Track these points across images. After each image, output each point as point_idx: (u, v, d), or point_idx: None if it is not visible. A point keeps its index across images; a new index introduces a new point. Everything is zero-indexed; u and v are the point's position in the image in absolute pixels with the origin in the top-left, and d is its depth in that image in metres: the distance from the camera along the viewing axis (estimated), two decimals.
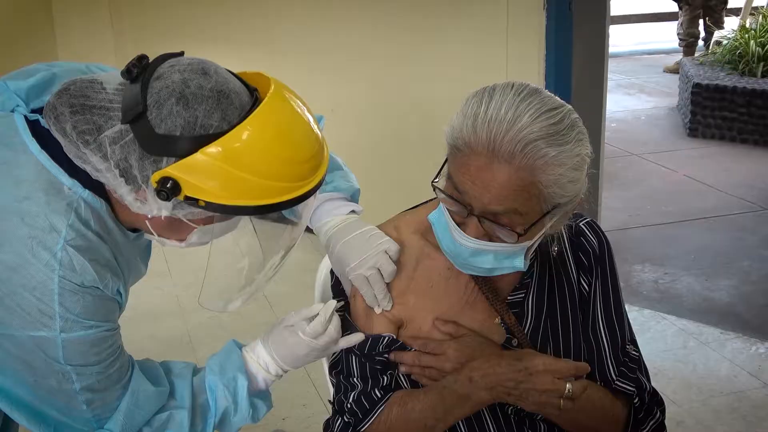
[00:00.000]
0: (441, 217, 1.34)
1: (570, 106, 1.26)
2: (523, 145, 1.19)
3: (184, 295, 3.91)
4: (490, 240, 1.28)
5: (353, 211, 1.55)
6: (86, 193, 1.25)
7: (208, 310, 1.41)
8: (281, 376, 1.46)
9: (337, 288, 1.54)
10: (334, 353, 1.49)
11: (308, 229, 1.54)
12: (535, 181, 1.21)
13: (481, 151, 1.21)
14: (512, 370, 1.33)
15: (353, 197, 1.59)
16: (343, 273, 1.48)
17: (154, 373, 1.39)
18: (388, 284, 1.44)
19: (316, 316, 1.42)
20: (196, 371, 1.44)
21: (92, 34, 5.09)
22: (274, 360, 1.43)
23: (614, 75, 8.56)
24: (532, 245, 1.32)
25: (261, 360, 1.43)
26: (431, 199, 1.50)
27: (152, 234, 1.30)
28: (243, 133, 1.16)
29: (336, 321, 1.43)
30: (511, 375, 1.33)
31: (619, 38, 9.73)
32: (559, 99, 1.26)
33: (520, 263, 1.31)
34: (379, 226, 1.51)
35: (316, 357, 1.44)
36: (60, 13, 5.09)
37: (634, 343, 1.49)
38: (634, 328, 1.52)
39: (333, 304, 1.43)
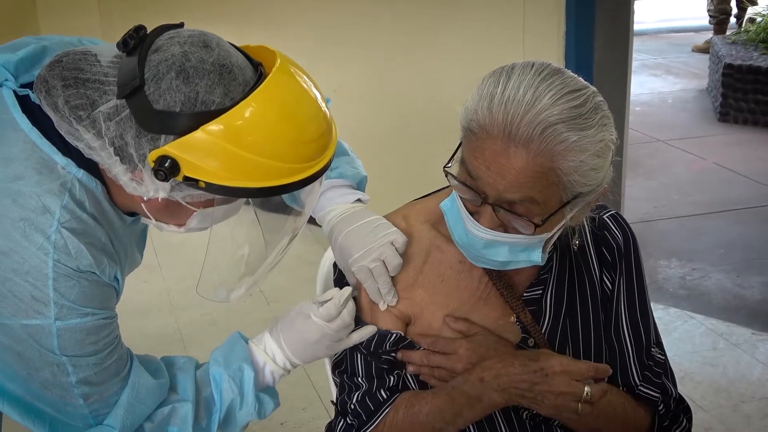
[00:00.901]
0: (453, 206, 1.34)
1: (594, 88, 1.26)
2: (542, 129, 1.19)
3: (175, 290, 3.92)
4: (506, 231, 1.29)
5: (359, 200, 1.55)
6: (81, 173, 1.25)
7: (206, 299, 1.41)
8: (289, 371, 1.47)
9: (340, 282, 1.54)
10: (338, 353, 1.50)
11: (310, 219, 1.54)
12: (554, 167, 1.21)
13: (496, 135, 1.21)
14: (527, 370, 1.33)
15: (359, 185, 1.60)
16: (346, 265, 1.48)
17: (154, 365, 1.40)
18: (393, 278, 1.44)
19: (329, 300, 1.43)
20: (198, 365, 1.45)
21: (77, 13, 5.08)
22: (281, 349, 1.44)
23: (639, 54, 8.53)
24: (551, 238, 1.32)
25: (268, 349, 1.44)
26: (444, 188, 1.50)
27: (149, 218, 1.31)
28: (246, 110, 1.16)
29: (351, 306, 1.44)
30: (526, 376, 1.33)
31: (645, 14, 9.70)
32: (582, 80, 1.26)
33: (537, 257, 1.32)
34: (387, 216, 1.51)
35: (327, 348, 1.44)
36: None
37: (659, 345, 1.50)
38: (660, 328, 1.52)
39: (349, 289, 1.44)
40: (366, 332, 1.44)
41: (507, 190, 1.23)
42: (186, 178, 1.17)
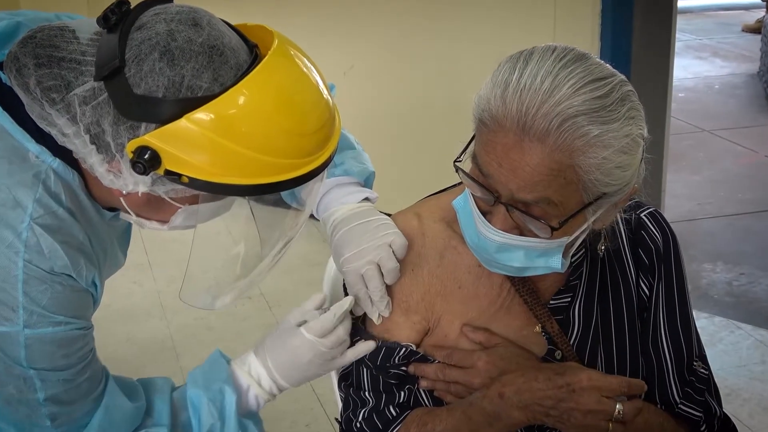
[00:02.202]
0: (466, 204, 1.33)
1: (622, 77, 1.24)
2: (561, 121, 1.17)
3: (167, 292, 3.94)
4: (521, 233, 1.28)
5: (367, 199, 1.54)
6: (56, 163, 1.25)
7: (191, 306, 1.40)
8: (275, 396, 1.45)
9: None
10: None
11: (315, 217, 1.54)
12: (573, 164, 1.20)
13: (510, 127, 1.20)
14: (552, 385, 1.33)
15: (367, 182, 1.59)
16: (338, 267, 1.48)
17: (130, 386, 1.40)
18: (399, 282, 1.43)
19: (324, 313, 1.41)
20: (174, 387, 1.44)
21: None
22: (268, 370, 1.42)
23: (683, 34, 8.50)
24: (573, 242, 1.31)
25: (252, 371, 1.43)
26: (462, 183, 1.49)
27: (129, 213, 1.30)
28: (238, 97, 1.15)
29: (347, 322, 1.42)
30: (550, 392, 1.32)
31: None
32: (610, 68, 1.24)
33: (556, 263, 1.30)
34: (399, 213, 1.51)
35: (319, 368, 1.43)
36: None
37: (702, 359, 1.49)
38: (703, 339, 1.51)
39: (349, 300, 1.42)
40: (362, 349, 1.43)
41: (520, 190, 1.22)
42: (168, 172, 1.16)
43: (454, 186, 1.54)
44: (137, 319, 3.75)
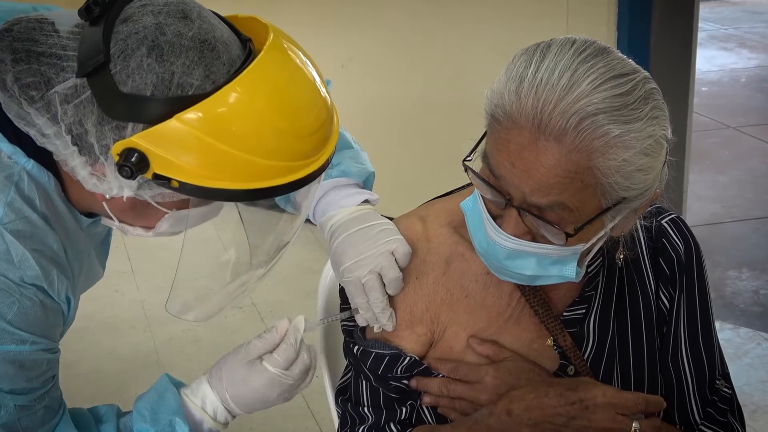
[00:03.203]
0: (476, 207, 1.34)
1: (646, 73, 1.25)
2: (579, 120, 1.17)
3: (152, 302, 3.94)
4: (534, 239, 1.28)
5: (367, 201, 1.54)
6: (30, 164, 1.25)
7: (176, 317, 1.39)
8: (227, 424, 1.45)
9: (345, 294, 1.54)
10: (342, 378, 1.50)
11: (311, 222, 1.54)
12: (591, 166, 1.20)
13: (524, 125, 1.20)
14: (563, 402, 1.33)
15: (366, 183, 1.59)
16: (337, 276, 1.48)
17: (84, 419, 1.39)
18: (404, 289, 1.44)
19: (281, 343, 1.41)
20: (120, 414, 1.43)
21: None
22: (225, 402, 1.42)
23: (706, 24, 8.50)
24: (589, 250, 1.31)
25: (208, 405, 1.42)
26: (469, 184, 1.49)
27: (112, 219, 1.30)
28: (231, 95, 1.16)
29: (304, 344, 1.42)
30: (562, 409, 1.33)
31: None
32: (633, 63, 1.24)
33: (570, 272, 1.31)
34: (402, 217, 1.51)
35: (281, 397, 1.43)
36: None
37: (725, 377, 1.49)
38: (728, 352, 1.51)
39: (301, 321, 1.43)
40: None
41: (534, 193, 1.22)
42: (156, 176, 1.16)
43: (463, 188, 1.54)
44: (120, 331, 3.75)
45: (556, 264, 1.30)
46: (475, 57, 3.59)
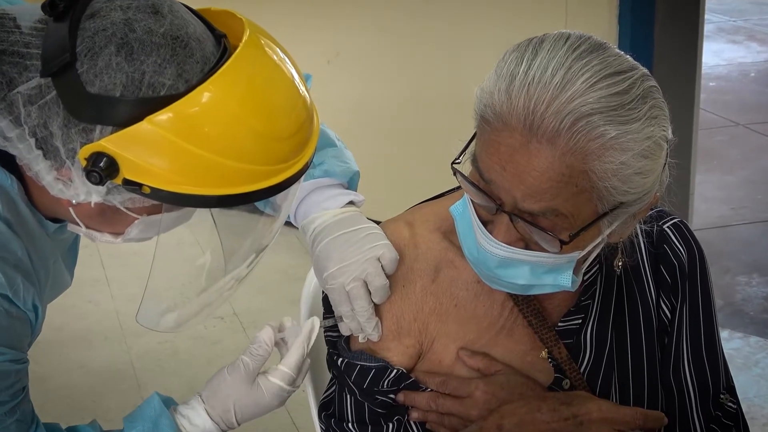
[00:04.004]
0: (466, 212, 1.34)
1: (644, 70, 1.25)
2: (573, 120, 1.17)
3: (127, 312, 3.92)
4: (527, 247, 1.28)
5: (351, 203, 1.54)
6: None
7: (148, 329, 1.39)
8: None
9: (328, 302, 1.54)
10: (326, 392, 1.50)
11: (291, 224, 1.54)
12: (587, 170, 1.20)
13: (515, 126, 1.20)
14: (557, 417, 1.33)
15: (351, 183, 1.59)
16: (320, 282, 1.48)
17: None
18: (391, 299, 1.44)
19: (289, 354, 1.44)
20: None
21: None
22: (218, 425, 1.43)
23: (713, 15, 8.52)
24: (585, 257, 1.31)
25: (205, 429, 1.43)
26: (459, 187, 1.49)
27: (78, 225, 1.30)
28: (204, 96, 1.16)
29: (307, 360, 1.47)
30: (555, 424, 1.33)
31: None
32: (630, 60, 1.24)
33: (566, 281, 1.31)
34: (388, 222, 1.51)
35: (280, 405, 1.47)
36: None
37: (730, 390, 1.49)
38: (737, 362, 1.51)
39: (316, 325, 1.46)
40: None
41: (526, 198, 1.22)
42: (126, 182, 1.16)
43: (453, 191, 1.54)
44: (93, 343, 3.74)
45: (551, 272, 1.30)
46: (468, 54, 3.60)
